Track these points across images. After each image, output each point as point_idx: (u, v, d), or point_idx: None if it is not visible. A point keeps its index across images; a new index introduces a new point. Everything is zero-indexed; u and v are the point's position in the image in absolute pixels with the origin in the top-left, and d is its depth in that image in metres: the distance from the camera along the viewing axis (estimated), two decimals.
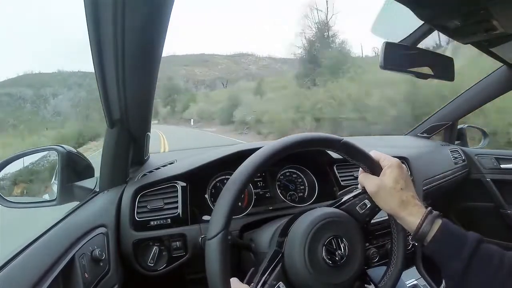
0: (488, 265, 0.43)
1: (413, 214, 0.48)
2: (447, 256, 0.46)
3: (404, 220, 0.49)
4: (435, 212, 0.49)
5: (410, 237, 0.50)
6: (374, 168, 0.52)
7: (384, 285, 0.51)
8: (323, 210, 0.50)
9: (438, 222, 0.47)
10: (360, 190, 0.54)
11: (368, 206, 0.53)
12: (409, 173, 1.12)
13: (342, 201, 0.54)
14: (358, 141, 0.54)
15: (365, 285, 0.52)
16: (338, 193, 0.85)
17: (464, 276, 0.43)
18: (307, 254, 0.44)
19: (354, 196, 0.54)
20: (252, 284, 0.44)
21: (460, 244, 0.45)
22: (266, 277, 0.45)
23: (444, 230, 0.46)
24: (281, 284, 0.44)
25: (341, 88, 10.43)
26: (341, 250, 0.46)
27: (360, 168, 0.54)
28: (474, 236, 0.46)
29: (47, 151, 0.74)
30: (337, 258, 0.45)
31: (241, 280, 0.48)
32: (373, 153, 0.54)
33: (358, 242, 0.49)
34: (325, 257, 0.45)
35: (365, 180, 0.52)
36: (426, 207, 0.50)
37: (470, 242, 0.45)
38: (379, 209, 0.53)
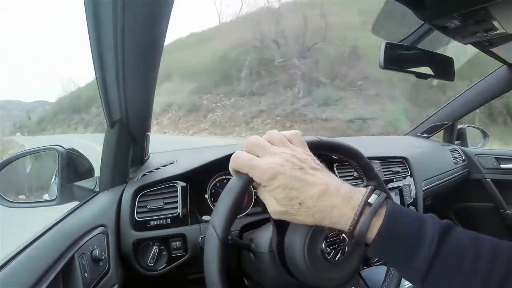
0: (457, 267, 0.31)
1: (340, 220, 0.34)
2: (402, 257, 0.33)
3: (334, 227, 0.35)
4: (372, 207, 0.33)
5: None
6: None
7: None
8: None
9: (380, 216, 0.33)
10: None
11: None
12: (410, 173, 1.12)
13: None
14: (358, 141, 0.54)
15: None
16: None
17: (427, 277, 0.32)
18: (307, 246, 0.44)
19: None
20: None
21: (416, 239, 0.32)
22: None
23: (388, 227, 0.33)
24: None
25: None
26: (342, 247, 0.45)
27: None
28: (433, 229, 0.32)
29: (47, 151, 0.74)
30: (336, 254, 0.45)
31: None
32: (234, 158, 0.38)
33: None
34: (324, 251, 0.44)
35: (263, 200, 0.37)
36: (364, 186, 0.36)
37: (428, 239, 0.32)
38: None
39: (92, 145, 7.35)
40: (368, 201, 0.34)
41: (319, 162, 0.38)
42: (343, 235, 0.45)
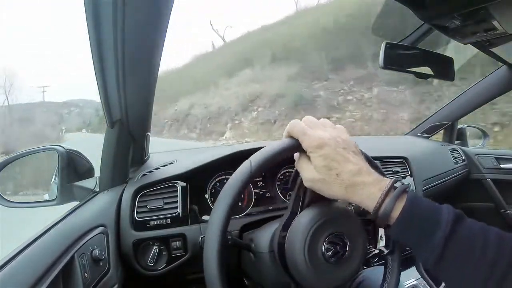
0: (468, 251, 0.35)
1: (368, 198, 0.39)
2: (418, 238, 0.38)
3: (360, 204, 0.41)
4: (396, 190, 0.39)
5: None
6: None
7: None
8: (330, 206, 0.49)
9: (402, 199, 0.38)
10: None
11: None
12: (410, 173, 1.12)
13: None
14: (358, 141, 0.54)
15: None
16: None
17: (440, 261, 0.36)
18: (307, 246, 0.43)
19: None
20: None
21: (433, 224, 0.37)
22: None
23: (411, 208, 0.38)
24: None
25: None
26: (342, 247, 0.45)
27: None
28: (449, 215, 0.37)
29: (47, 151, 0.75)
30: (336, 255, 0.44)
31: None
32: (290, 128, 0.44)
33: (361, 244, 0.48)
34: (324, 252, 0.44)
35: (301, 169, 0.44)
36: (384, 176, 0.42)
37: (444, 222, 0.36)
38: None
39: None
40: (394, 185, 0.39)
41: (360, 151, 0.44)
42: (346, 237, 0.45)
